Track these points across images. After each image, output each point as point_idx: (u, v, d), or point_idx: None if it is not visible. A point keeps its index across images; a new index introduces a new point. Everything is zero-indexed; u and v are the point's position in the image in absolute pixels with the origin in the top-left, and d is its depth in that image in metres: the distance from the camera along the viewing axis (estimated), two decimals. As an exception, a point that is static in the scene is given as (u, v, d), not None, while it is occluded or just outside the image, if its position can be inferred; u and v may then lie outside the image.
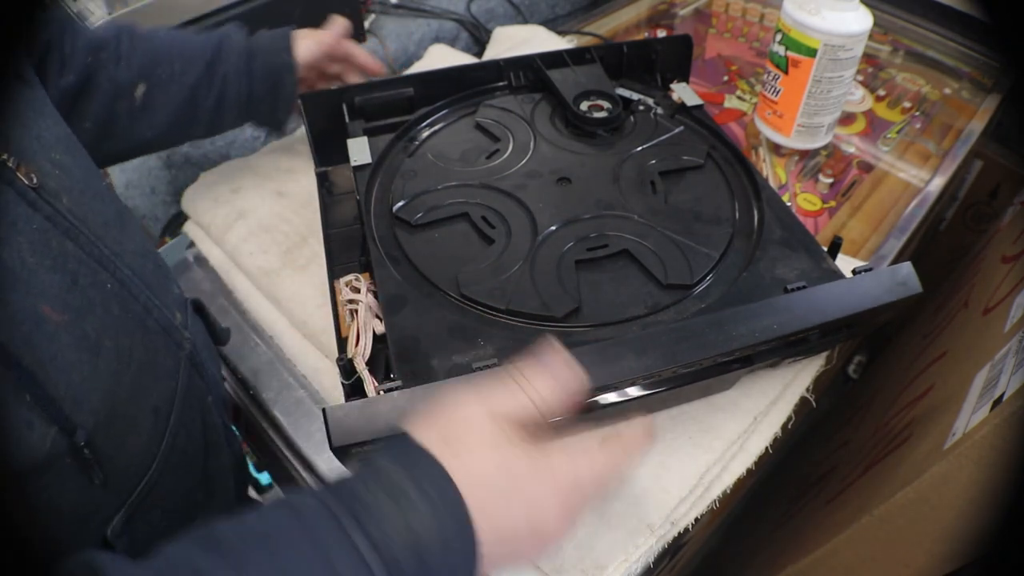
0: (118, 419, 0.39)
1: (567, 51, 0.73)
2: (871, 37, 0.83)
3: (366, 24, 0.96)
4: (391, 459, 0.32)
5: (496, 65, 0.72)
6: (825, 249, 0.54)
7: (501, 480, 0.32)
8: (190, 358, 0.48)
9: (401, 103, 0.69)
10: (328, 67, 0.71)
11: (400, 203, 0.58)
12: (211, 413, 0.50)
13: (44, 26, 0.55)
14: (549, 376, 0.37)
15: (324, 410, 0.40)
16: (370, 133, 0.65)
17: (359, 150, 0.62)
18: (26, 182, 0.37)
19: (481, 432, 0.34)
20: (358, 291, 0.54)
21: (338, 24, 0.72)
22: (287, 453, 0.60)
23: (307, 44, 0.68)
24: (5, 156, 0.36)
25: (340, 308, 0.54)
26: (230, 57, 0.64)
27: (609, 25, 1.09)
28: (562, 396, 0.37)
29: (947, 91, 0.97)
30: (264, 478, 1.03)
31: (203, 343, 0.53)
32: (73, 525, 0.37)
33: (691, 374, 0.50)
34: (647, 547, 0.49)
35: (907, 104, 0.94)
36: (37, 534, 0.34)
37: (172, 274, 0.52)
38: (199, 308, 0.55)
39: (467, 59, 0.94)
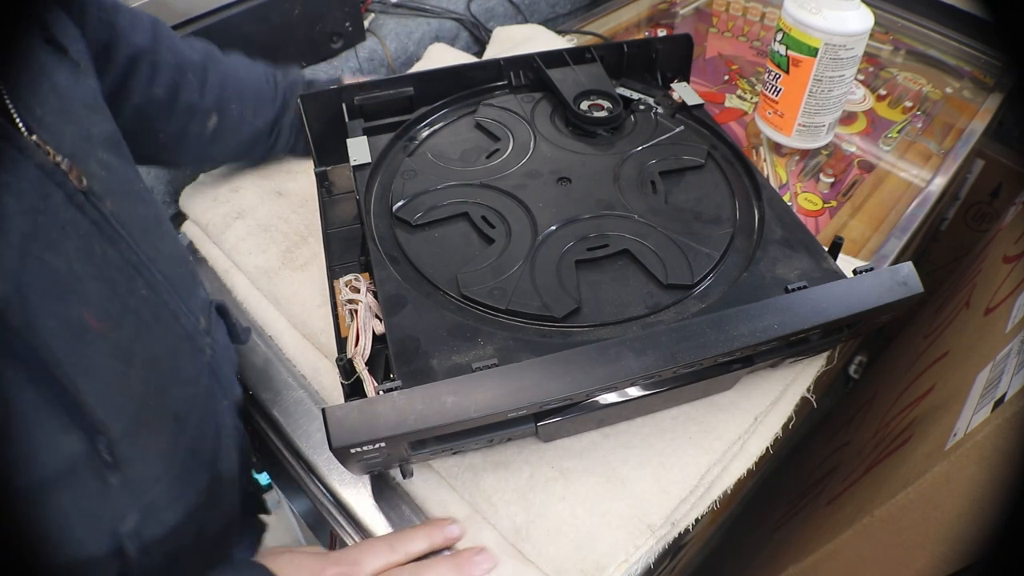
0: (143, 426, 0.39)
1: (567, 50, 0.72)
2: (872, 36, 0.83)
3: (366, 24, 0.96)
4: None
5: (496, 64, 0.71)
6: (826, 249, 0.54)
7: None
8: (210, 365, 0.48)
9: (401, 102, 0.69)
10: None
11: (400, 203, 0.58)
12: (224, 416, 0.50)
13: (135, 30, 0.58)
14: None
15: (324, 410, 0.40)
16: (369, 133, 0.65)
17: (358, 149, 0.62)
18: (76, 185, 0.36)
19: None
20: (358, 291, 0.53)
21: None
22: (286, 453, 0.60)
23: None
24: (59, 159, 0.36)
25: (340, 308, 0.54)
26: (289, 111, 0.70)
27: (609, 24, 1.09)
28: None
29: (948, 90, 0.96)
30: (263, 478, 1.03)
31: (223, 346, 0.53)
32: (87, 522, 0.37)
33: (691, 374, 0.49)
34: (647, 547, 0.49)
35: (908, 103, 0.94)
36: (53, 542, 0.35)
37: (200, 278, 0.52)
38: (222, 311, 0.55)
39: (467, 58, 0.94)
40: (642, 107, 0.70)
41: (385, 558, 0.47)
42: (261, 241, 0.68)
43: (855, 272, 0.50)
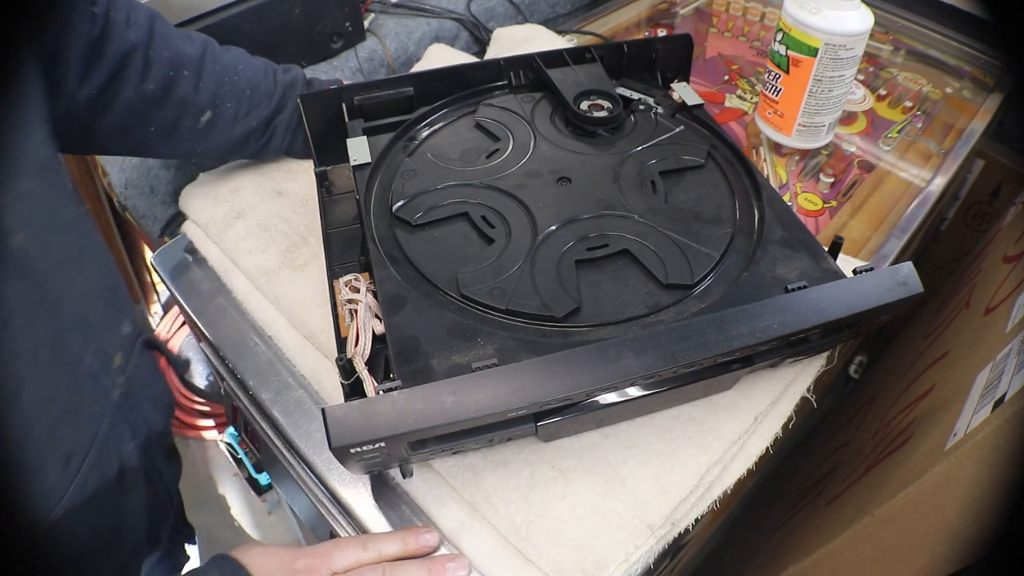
0: (21, 468, 0.38)
1: (567, 50, 0.72)
2: (872, 36, 0.83)
3: (366, 24, 0.96)
4: None
5: (496, 64, 0.71)
6: (826, 249, 0.54)
7: None
8: (117, 404, 0.47)
9: (401, 102, 0.69)
10: None
11: (400, 203, 0.58)
12: (132, 457, 0.49)
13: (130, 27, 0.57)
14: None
15: (323, 410, 0.40)
16: (369, 132, 0.65)
17: (358, 149, 0.62)
18: None
19: None
20: (357, 291, 0.53)
21: None
22: (286, 454, 0.60)
23: None
24: None
25: (339, 308, 0.54)
26: (286, 110, 0.69)
27: (609, 24, 1.09)
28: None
29: (948, 90, 0.96)
30: (264, 478, 1.03)
31: (145, 382, 0.52)
32: None
33: (691, 374, 0.49)
34: (647, 547, 0.49)
35: (908, 103, 0.94)
36: None
37: (128, 311, 0.51)
38: (152, 345, 0.54)
39: (467, 59, 0.94)
40: (642, 107, 0.70)
41: (356, 555, 0.48)
42: (261, 241, 0.68)
43: (855, 272, 0.50)
